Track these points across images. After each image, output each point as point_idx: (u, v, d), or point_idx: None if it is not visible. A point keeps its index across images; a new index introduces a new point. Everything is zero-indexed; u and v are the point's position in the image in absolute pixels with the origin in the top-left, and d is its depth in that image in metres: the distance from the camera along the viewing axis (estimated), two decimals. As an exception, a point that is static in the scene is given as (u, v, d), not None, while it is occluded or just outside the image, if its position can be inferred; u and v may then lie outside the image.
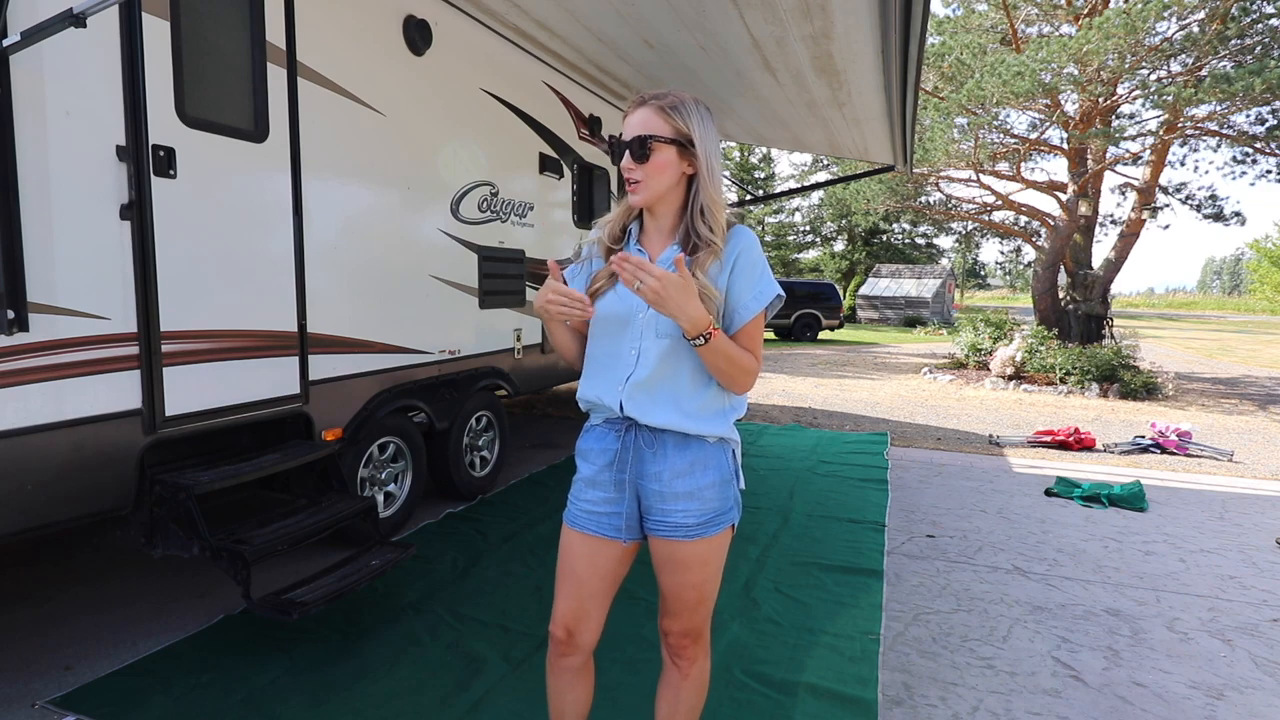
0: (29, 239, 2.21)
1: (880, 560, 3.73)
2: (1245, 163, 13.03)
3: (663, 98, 1.58)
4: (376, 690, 2.48)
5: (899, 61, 4.33)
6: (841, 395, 9.91)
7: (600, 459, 1.66)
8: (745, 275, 1.58)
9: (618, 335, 1.61)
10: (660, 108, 1.56)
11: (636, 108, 1.58)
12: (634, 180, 1.57)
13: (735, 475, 1.65)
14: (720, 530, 1.62)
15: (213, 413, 2.79)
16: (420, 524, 4.12)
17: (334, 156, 3.37)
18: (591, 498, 1.66)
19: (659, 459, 1.60)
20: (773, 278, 1.61)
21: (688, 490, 1.59)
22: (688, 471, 1.59)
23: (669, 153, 1.55)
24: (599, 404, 1.64)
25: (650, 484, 1.61)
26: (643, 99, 1.59)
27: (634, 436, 1.61)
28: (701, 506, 1.59)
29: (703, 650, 1.72)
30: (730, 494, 1.63)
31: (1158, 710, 2.51)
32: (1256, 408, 9.67)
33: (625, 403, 1.59)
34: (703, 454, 1.60)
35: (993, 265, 76.70)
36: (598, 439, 1.67)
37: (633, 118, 1.58)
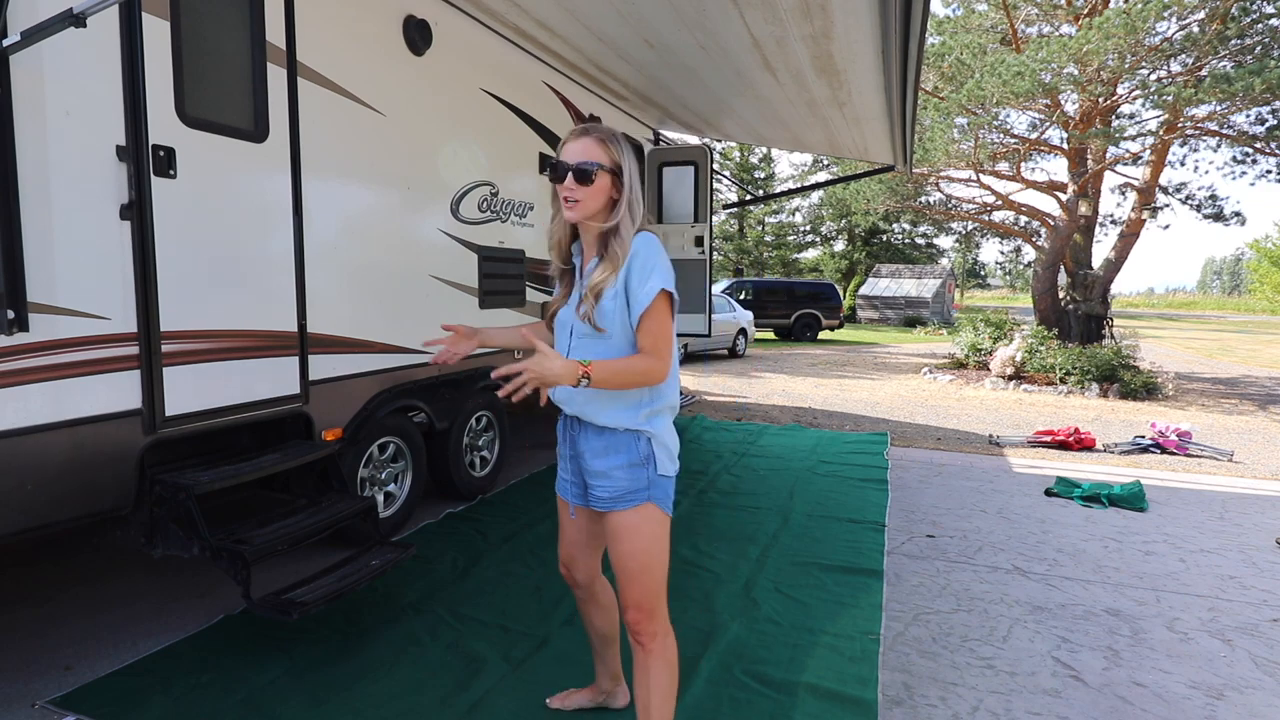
0: (29, 239, 2.21)
1: (880, 560, 3.73)
2: (1245, 163, 13.02)
3: (600, 130, 1.85)
4: (376, 690, 2.48)
5: (899, 61, 4.33)
6: (841, 395, 9.91)
7: (560, 437, 2.02)
8: (637, 275, 1.80)
9: (560, 336, 1.93)
10: (599, 139, 1.83)
11: (578, 138, 1.84)
12: (574, 200, 1.81)
13: (648, 460, 1.86)
14: (634, 506, 1.85)
15: (213, 413, 2.79)
16: (420, 524, 4.11)
17: (334, 156, 3.37)
18: (560, 469, 2.04)
19: (583, 441, 1.90)
20: (663, 274, 1.81)
21: (602, 469, 1.87)
22: (602, 454, 1.87)
23: (605, 179, 1.82)
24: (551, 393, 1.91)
25: (581, 461, 1.93)
26: (584, 130, 1.85)
27: (572, 422, 1.94)
28: (613, 485, 1.85)
29: (660, 628, 1.90)
30: (642, 476, 1.85)
31: (1158, 710, 2.51)
32: (1256, 408, 9.67)
33: (555, 393, 1.89)
34: (614, 440, 1.86)
35: (993, 265, 76.74)
36: (559, 422, 2.02)
37: (574, 145, 1.83)
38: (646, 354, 1.79)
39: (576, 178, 1.79)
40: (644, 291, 1.78)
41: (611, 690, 2.34)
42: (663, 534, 1.89)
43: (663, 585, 1.89)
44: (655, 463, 1.86)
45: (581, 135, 1.83)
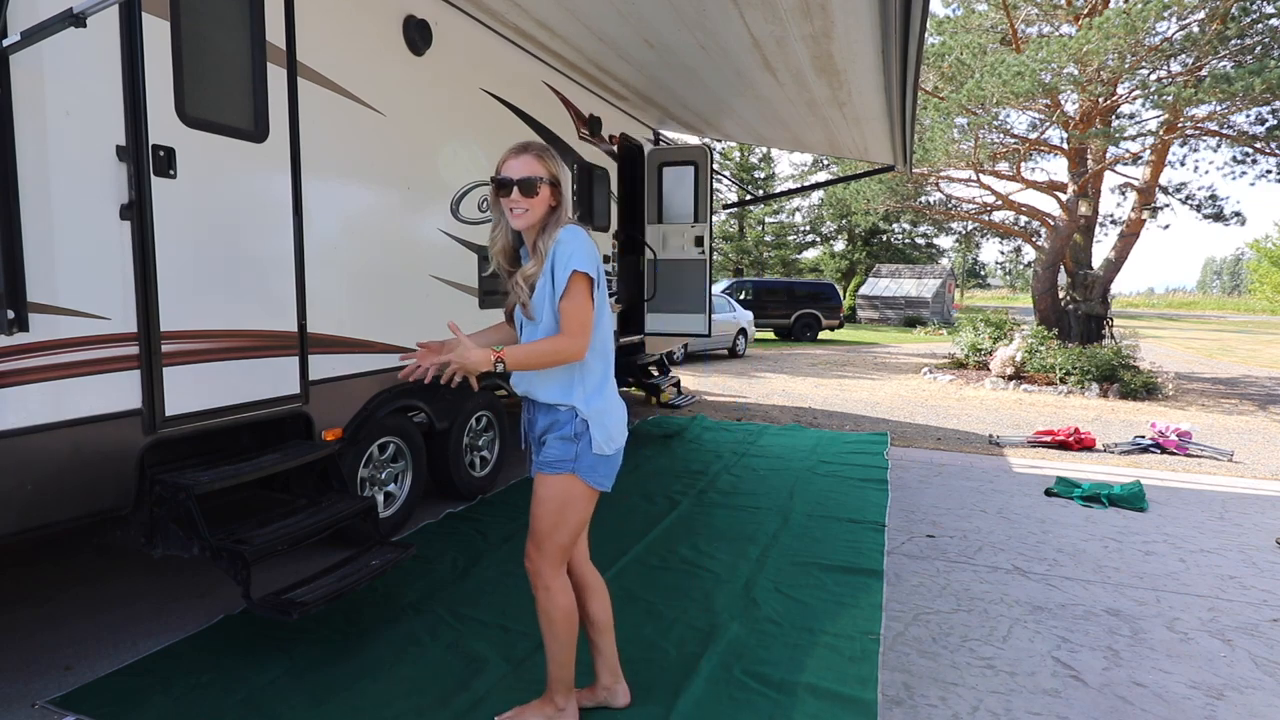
0: (29, 239, 2.21)
1: (880, 560, 3.73)
2: (1245, 163, 13.02)
3: (537, 147, 2.10)
4: (377, 690, 2.48)
5: (899, 61, 4.33)
6: (841, 395, 9.91)
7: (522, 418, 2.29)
8: (559, 263, 2.04)
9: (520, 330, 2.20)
10: (538, 155, 2.07)
11: (519, 154, 2.07)
12: (520, 210, 2.06)
13: (579, 437, 2.09)
14: (558, 473, 2.09)
15: (213, 413, 2.79)
16: (420, 524, 4.11)
17: (334, 156, 3.37)
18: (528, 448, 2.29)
19: (532, 415, 2.21)
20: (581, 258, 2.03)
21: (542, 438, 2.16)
22: (545, 427, 2.16)
23: (546, 190, 2.07)
24: None
25: (530, 431, 2.23)
26: (524, 147, 2.10)
27: (527, 402, 2.23)
28: (547, 451, 2.12)
29: (546, 582, 2.15)
30: (571, 449, 2.09)
31: (1158, 710, 2.51)
32: (1256, 408, 9.67)
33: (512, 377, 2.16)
34: (555, 416, 2.13)
35: (993, 265, 76.71)
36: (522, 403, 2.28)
37: (516, 162, 2.06)
38: (560, 334, 2.04)
39: (522, 190, 2.04)
40: (562, 276, 2.02)
41: (611, 687, 2.36)
42: (580, 505, 2.13)
43: (564, 548, 2.14)
44: (590, 441, 2.09)
45: (522, 152, 2.08)
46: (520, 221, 2.07)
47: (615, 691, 2.37)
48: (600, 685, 2.36)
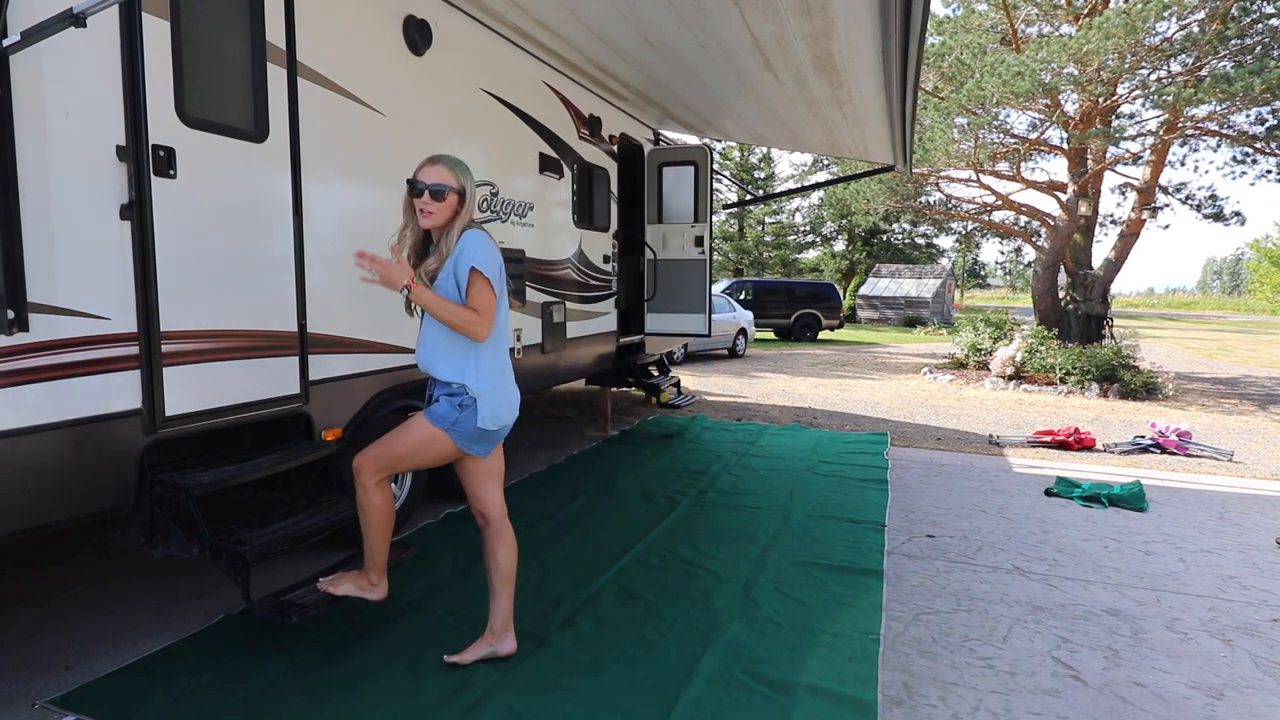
0: (29, 239, 2.21)
1: (880, 560, 3.73)
2: (1245, 163, 13.02)
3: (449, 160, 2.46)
4: (376, 690, 2.48)
5: (899, 61, 4.33)
6: (841, 395, 9.91)
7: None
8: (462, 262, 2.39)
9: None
10: (449, 166, 2.43)
11: (433, 164, 2.43)
12: (429, 211, 2.41)
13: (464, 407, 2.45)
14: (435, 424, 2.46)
15: (213, 413, 2.79)
16: (420, 524, 4.12)
17: (334, 156, 3.37)
18: None
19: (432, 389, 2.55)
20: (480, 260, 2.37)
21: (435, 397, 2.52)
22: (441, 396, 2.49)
23: (452, 197, 2.42)
24: None
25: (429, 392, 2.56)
26: (437, 159, 2.45)
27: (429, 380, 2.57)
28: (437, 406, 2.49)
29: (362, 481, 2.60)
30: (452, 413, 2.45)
31: (1158, 710, 2.51)
32: (1256, 408, 9.67)
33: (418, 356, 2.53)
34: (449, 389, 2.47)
35: (993, 265, 76.63)
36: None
37: (430, 170, 2.42)
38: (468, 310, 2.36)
39: (431, 195, 2.39)
40: (464, 273, 2.36)
41: (501, 635, 2.66)
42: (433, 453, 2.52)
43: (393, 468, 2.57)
44: (476, 415, 2.44)
45: (436, 162, 2.43)
46: (427, 221, 2.41)
47: (504, 639, 2.66)
48: (490, 631, 2.65)
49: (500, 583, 2.65)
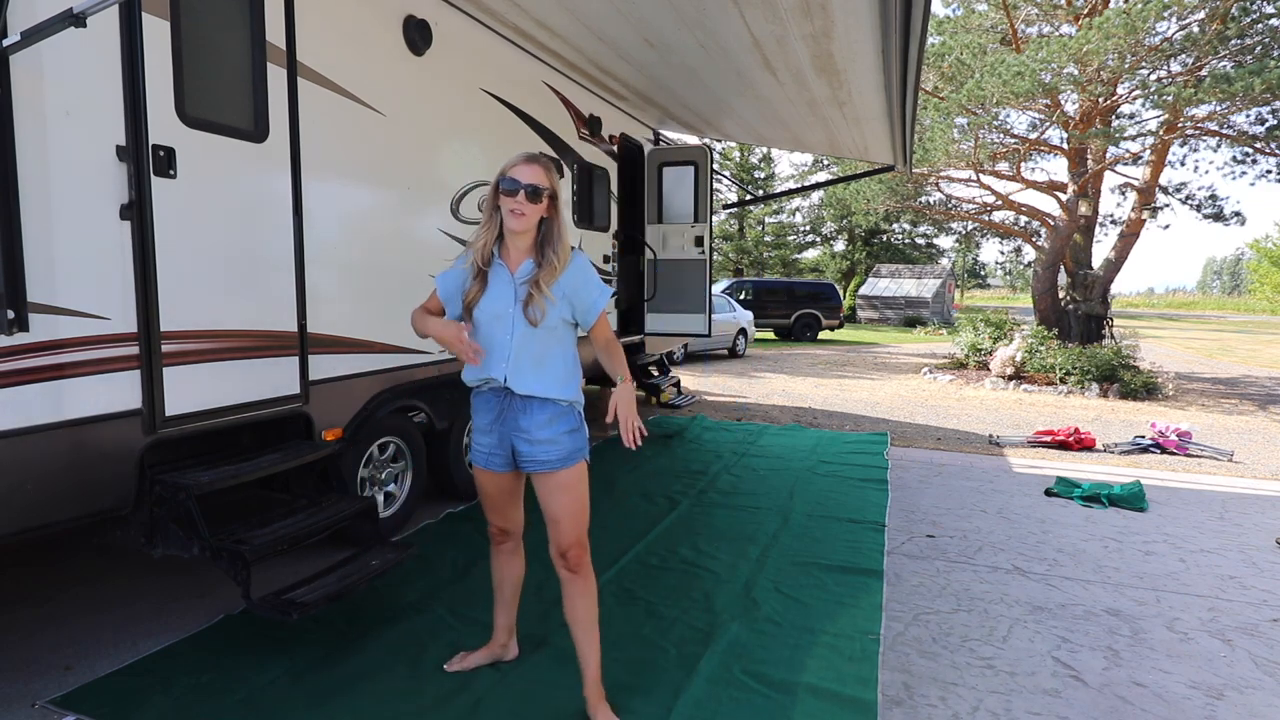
0: (29, 239, 2.21)
1: (880, 560, 3.73)
2: (1245, 163, 13.01)
3: (546, 159, 2.26)
4: (377, 690, 2.48)
5: (899, 61, 4.33)
6: (841, 395, 9.91)
7: (488, 415, 2.31)
8: (586, 287, 2.27)
9: (494, 327, 2.23)
10: (545, 167, 2.23)
11: (531, 163, 2.22)
12: (521, 213, 2.19)
13: (581, 425, 2.32)
14: (576, 463, 2.28)
15: (213, 413, 2.79)
16: (420, 524, 4.12)
17: (334, 156, 3.37)
18: (484, 443, 2.33)
19: (526, 417, 2.25)
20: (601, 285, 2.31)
21: (548, 437, 2.25)
22: (547, 424, 2.25)
23: (546, 200, 2.22)
24: (486, 379, 2.26)
25: (520, 434, 2.26)
26: (534, 157, 2.25)
27: (509, 401, 2.26)
28: (558, 448, 2.25)
29: (587, 555, 2.34)
30: (581, 438, 2.31)
31: (1158, 710, 2.51)
32: (1256, 408, 9.67)
33: (509, 375, 2.22)
34: (558, 411, 2.26)
35: (993, 265, 76.65)
36: (485, 402, 2.32)
37: (526, 169, 2.20)
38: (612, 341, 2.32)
39: (528, 196, 2.17)
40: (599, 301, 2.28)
41: (506, 644, 2.63)
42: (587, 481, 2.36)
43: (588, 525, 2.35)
44: (585, 426, 2.33)
45: (534, 162, 2.22)
46: (519, 224, 2.20)
47: (509, 647, 2.64)
48: (498, 643, 2.62)
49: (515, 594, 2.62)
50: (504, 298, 2.21)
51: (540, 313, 2.19)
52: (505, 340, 2.21)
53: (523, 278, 2.23)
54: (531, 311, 2.18)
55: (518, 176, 2.19)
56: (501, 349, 2.22)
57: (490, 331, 2.23)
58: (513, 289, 2.22)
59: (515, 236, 2.25)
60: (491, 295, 2.22)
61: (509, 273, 2.25)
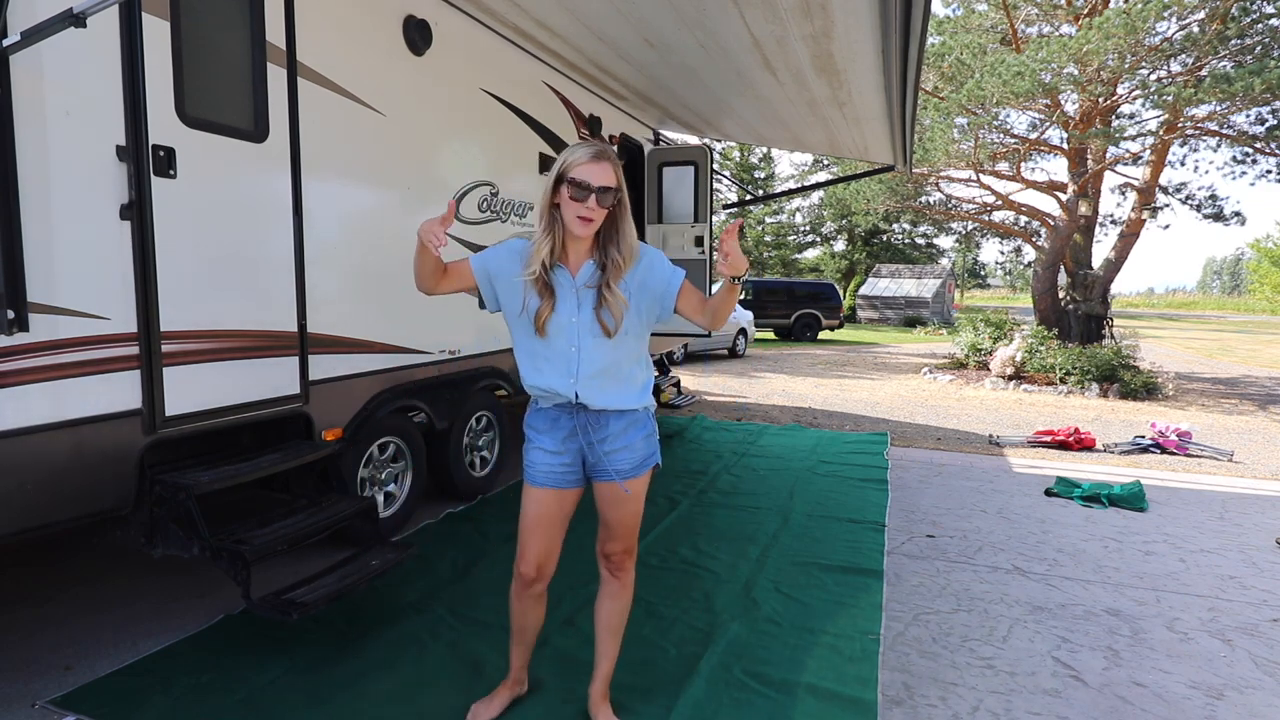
0: (29, 239, 2.21)
1: (880, 560, 3.73)
2: (1245, 163, 13.01)
3: (611, 154, 2.00)
4: (377, 690, 2.48)
5: (899, 61, 4.33)
6: (841, 395, 9.91)
7: (558, 434, 2.13)
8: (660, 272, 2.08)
9: (556, 337, 2.04)
10: (613, 163, 1.99)
11: (600, 160, 1.96)
12: (590, 219, 1.97)
13: (655, 428, 2.20)
14: (649, 469, 2.18)
15: (213, 413, 2.79)
16: (420, 524, 4.11)
17: (334, 156, 3.37)
18: (550, 463, 2.14)
19: (600, 429, 2.10)
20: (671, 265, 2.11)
21: (626, 444, 2.12)
22: (623, 432, 2.11)
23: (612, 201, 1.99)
24: (550, 392, 2.08)
25: (596, 446, 2.10)
26: (602, 153, 1.98)
27: (584, 417, 2.10)
28: (635, 454, 2.13)
29: (634, 562, 2.31)
30: (655, 442, 2.19)
31: (1158, 710, 2.51)
32: (1256, 408, 9.67)
33: (580, 392, 2.05)
34: (633, 419, 2.13)
35: (993, 265, 76.67)
36: (552, 420, 2.13)
37: (595, 169, 1.95)
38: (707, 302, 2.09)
39: (599, 199, 1.95)
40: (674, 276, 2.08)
41: (523, 680, 2.43)
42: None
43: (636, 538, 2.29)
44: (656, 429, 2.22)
45: (602, 159, 1.96)
46: (587, 229, 1.98)
47: (524, 682, 2.44)
48: (517, 680, 2.40)
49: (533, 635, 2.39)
50: (566, 305, 2.02)
51: (615, 320, 2.00)
52: (569, 352, 2.03)
53: (585, 281, 2.03)
54: (605, 317, 2.00)
55: (587, 179, 1.93)
56: (566, 361, 2.03)
57: (553, 340, 2.03)
58: (574, 295, 2.02)
59: (574, 241, 2.03)
60: (559, 305, 2.02)
61: (570, 276, 2.03)
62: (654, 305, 2.08)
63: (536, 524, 2.18)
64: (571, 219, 1.97)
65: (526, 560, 2.19)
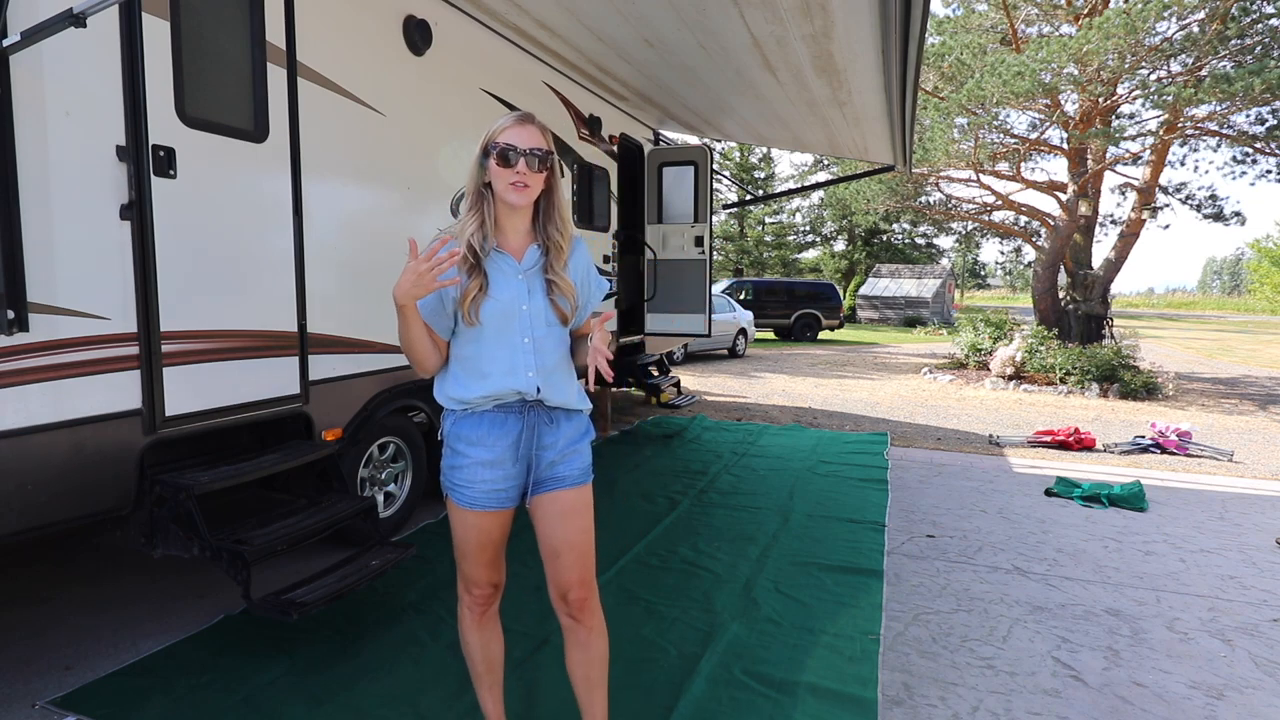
0: (29, 239, 2.21)
1: (880, 560, 3.73)
2: (1245, 163, 13.02)
3: (536, 118, 1.82)
4: (377, 690, 2.48)
5: (899, 61, 4.33)
6: (841, 395, 9.91)
7: (502, 441, 1.83)
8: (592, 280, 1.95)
9: (504, 330, 1.81)
10: (541, 127, 1.81)
11: (525, 123, 1.79)
12: (524, 184, 1.77)
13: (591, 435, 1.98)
14: (590, 480, 1.93)
15: (213, 413, 2.79)
16: (420, 524, 4.11)
17: (334, 156, 3.37)
18: (490, 477, 1.84)
19: (554, 431, 1.87)
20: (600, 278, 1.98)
21: (574, 449, 1.89)
22: (574, 436, 1.90)
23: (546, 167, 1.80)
24: (500, 394, 1.81)
25: (546, 453, 1.86)
26: (528, 117, 1.81)
27: (536, 415, 1.84)
28: (582, 460, 1.91)
29: (597, 599, 1.92)
30: (591, 451, 1.96)
31: (1158, 710, 2.51)
32: (1256, 408, 9.67)
33: (541, 386, 1.82)
34: (579, 420, 1.93)
35: (993, 265, 76.77)
36: (495, 424, 1.83)
37: (520, 131, 1.77)
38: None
39: (529, 162, 1.76)
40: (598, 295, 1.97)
41: None
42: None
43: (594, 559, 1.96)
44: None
45: (528, 121, 1.79)
46: (522, 198, 1.78)
47: None
48: None
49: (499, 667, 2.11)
50: (512, 292, 1.80)
51: (570, 305, 1.84)
52: (522, 343, 1.80)
53: (531, 265, 1.84)
54: (560, 302, 1.83)
55: (513, 141, 1.75)
56: (520, 353, 1.80)
57: (500, 335, 1.80)
58: (522, 281, 1.82)
59: (514, 215, 1.84)
60: (497, 290, 1.79)
61: (514, 261, 1.83)
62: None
63: (481, 549, 1.91)
64: (504, 189, 1.77)
65: (476, 583, 1.95)
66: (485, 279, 1.79)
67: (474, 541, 1.90)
